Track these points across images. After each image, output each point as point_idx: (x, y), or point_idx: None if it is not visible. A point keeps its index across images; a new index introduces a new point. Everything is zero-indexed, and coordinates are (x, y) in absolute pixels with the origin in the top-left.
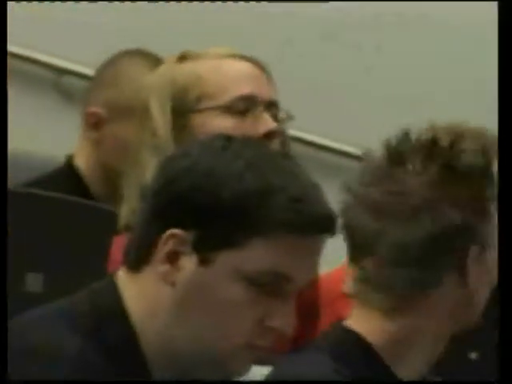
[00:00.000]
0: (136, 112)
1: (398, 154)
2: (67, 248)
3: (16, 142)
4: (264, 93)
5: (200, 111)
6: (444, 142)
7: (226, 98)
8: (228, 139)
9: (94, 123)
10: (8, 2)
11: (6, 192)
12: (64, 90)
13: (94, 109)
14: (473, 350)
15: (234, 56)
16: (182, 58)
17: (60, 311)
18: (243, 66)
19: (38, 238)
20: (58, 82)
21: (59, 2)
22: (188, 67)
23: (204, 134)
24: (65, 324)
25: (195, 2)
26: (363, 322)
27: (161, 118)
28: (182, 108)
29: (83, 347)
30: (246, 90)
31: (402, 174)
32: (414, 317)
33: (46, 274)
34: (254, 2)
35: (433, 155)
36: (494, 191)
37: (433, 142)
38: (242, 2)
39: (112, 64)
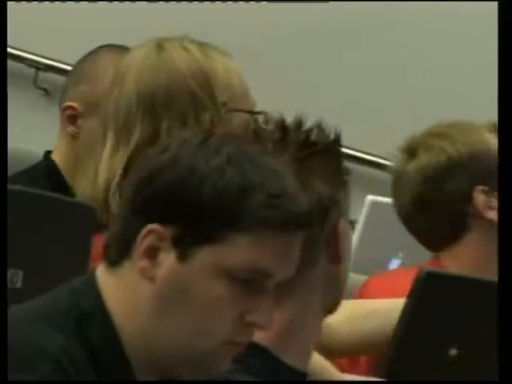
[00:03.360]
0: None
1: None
2: (47, 244)
3: None
4: None
5: (236, 111)
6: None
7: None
8: (207, 135)
9: (70, 117)
10: (8, 2)
11: (6, 192)
12: (43, 86)
13: (70, 103)
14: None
15: None
16: (223, 52)
17: (40, 309)
18: None
19: (16, 234)
20: (37, 78)
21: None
22: (232, 64)
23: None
24: (45, 322)
25: (195, 2)
26: None
27: (212, 108)
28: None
29: (64, 346)
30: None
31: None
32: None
33: (26, 270)
34: (253, 2)
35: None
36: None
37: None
38: (241, 2)
39: (89, 59)
